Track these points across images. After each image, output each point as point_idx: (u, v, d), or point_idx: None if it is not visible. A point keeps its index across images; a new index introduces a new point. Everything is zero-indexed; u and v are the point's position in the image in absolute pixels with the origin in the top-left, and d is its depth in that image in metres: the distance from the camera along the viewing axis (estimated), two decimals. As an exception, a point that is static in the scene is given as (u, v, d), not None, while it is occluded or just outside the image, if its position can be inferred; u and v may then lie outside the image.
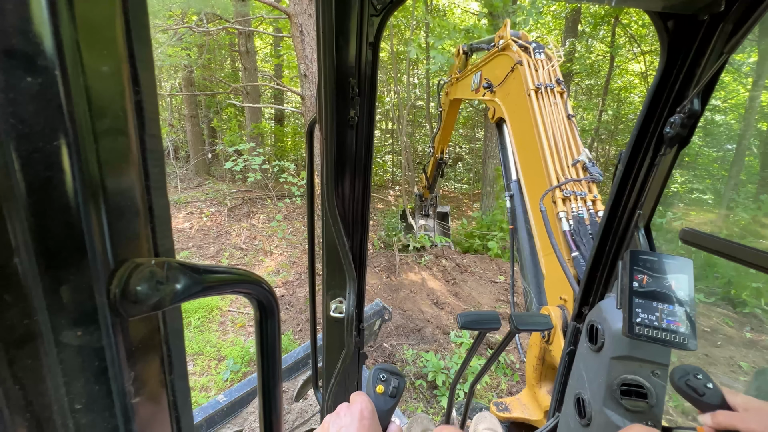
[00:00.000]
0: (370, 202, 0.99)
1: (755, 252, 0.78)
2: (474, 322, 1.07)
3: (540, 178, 2.19)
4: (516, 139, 2.54)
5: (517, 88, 2.54)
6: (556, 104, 2.33)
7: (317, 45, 0.75)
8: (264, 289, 0.46)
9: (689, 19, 0.89)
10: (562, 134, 2.23)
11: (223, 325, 5.07)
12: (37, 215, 0.24)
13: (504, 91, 2.77)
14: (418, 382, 4.00)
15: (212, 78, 12.58)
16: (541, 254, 2.16)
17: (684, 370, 0.83)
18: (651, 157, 1.06)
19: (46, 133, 0.23)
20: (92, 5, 0.25)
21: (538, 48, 2.61)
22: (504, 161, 2.81)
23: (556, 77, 2.45)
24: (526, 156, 2.39)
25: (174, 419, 0.36)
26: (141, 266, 0.29)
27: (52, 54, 0.23)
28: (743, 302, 5.16)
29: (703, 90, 0.90)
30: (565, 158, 2.15)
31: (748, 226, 6.08)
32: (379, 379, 0.68)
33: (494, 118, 2.94)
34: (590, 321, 1.19)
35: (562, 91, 2.41)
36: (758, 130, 7.10)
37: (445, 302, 5.67)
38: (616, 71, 11.74)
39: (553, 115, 2.28)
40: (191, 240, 7.51)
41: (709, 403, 0.79)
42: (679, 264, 0.96)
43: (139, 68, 0.28)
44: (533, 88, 2.36)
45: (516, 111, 2.56)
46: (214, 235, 7.78)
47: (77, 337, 0.27)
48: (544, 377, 2.03)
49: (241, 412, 2.44)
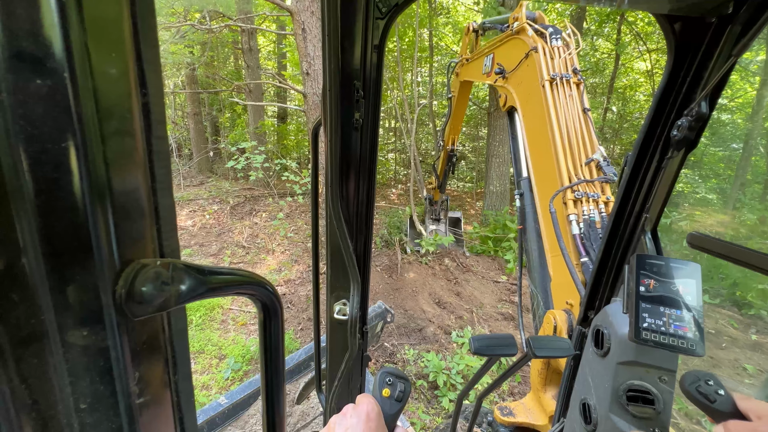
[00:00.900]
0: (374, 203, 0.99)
1: (763, 256, 0.77)
2: (488, 347, 1.02)
3: (551, 177, 2.11)
4: (528, 132, 2.41)
5: (530, 77, 2.40)
6: (572, 96, 2.21)
7: (322, 47, 0.75)
8: (268, 291, 0.46)
9: (697, 22, 0.88)
10: (576, 130, 2.13)
11: (225, 324, 5.10)
12: (45, 215, 0.24)
13: (517, 79, 2.60)
14: (419, 383, 4.01)
15: (215, 76, 12.66)
16: (548, 255, 2.10)
17: (695, 376, 0.81)
18: (658, 161, 1.05)
19: (54, 135, 0.24)
20: (101, 8, 0.25)
21: (555, 33, 2.44)
22: (515, 153, 2.68)
23: (573, 66, 2.30)
24: (538, 152, 2.29)
25: (177, 419, 0.36)
26: (146, 267, 0.29)
27: (60, 56, 0.23)
28: (749, 304, 5.10)
29: (710, 93, 0.90)
30: (578, 156, 2.06)
31: (755, 227, 6.00)
32: (386, 383, 0.67)
33: (505, 106, 2.79)
34: (596, 325, 1.18)
35: (579, 82, 2.27)
36: (766, 130, 7.00)
37: (447, 302, 5.66)
38: (621, 69, 11.65)
39: (568, 109, 2.17)
40: (193, 238, 7.55)
41: (720, 411, 0.77)
42: (686, 268, 0.95)
43: (147, 70, 0.28)
44: (548, 78, 2.22)
45: (529, 102, 2.43)
46: (217, 233, 7.82)
47: (83, 337, 0.27)
48: (549, 382, 2.02)
49: (242, 415, 2.44)
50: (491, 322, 5.32)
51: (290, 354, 2.88)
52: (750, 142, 6.92)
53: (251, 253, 7.09)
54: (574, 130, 2.12)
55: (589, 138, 2.12)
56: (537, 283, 2.25)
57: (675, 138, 0.97)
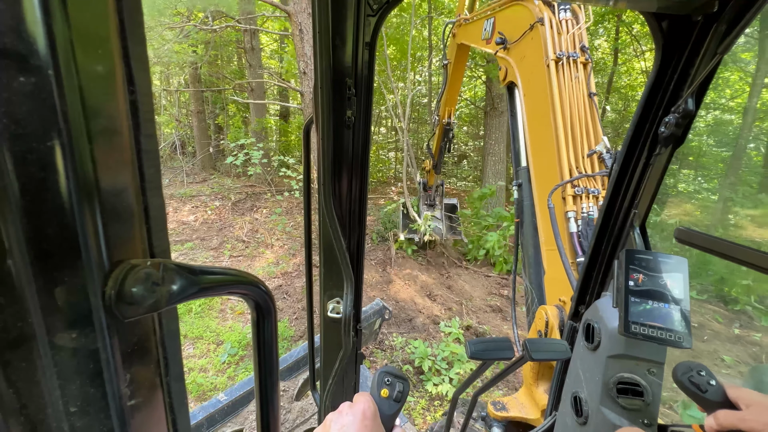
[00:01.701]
0: (367, 201, 0.99)
1: (748, 250, 0.79)
2: (485, 350, 1.01)
3: (551, 168, 1.99)
4: (528, 115, 2.23)
5: (534, 52, 2.18)
6: (578, 79, 2.03)
7: (313, 45, 0.75)
8: (261, 290, 0.46)
9: (683, 20, 0.90)
10: (580, 116, 1.97)
11: (223, 312, 5.28)
12: (31, 216, 0.24)
13: (519, 52, 2.35)
14: (405, 367, 4.19)
15: (218, 74, 12.60)
16: (543, 248, 2.04)
17: (687, 367, 0.84)
18: (646, 157, 1.07)
19: (39, 134, 0.23)
20: (86, 4, 0.24)
21: (563, 4, 2.18)
22: (513, 133, 2.48)
23: (582, 43, 2.09)
24: (538, 139, 2.13)
25: (170, 421, 0.36)
26: (136, 267, 0.28)
27: (45, 54, 0.23)
28: (735, 299, 5.21)
29: (697, 90, 0.91)
30: (581, 146, 1.93)
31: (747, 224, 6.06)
32: (384, 383, 0.66)
33: (505, 80, 2.55)
34: (587, 320, 1.20)
35: (587, 61, 2.07)
36: (760, 129, 7.04)
37: (437, 294, 5.77)
38: (621, 68, 11.70)
39: (573, 93, 2.00)
40: (195, 232, 7.62)
41: (711, 400, 0.79)
42: (674, 263, 0.97)
43: (134, 68, 0.28)
44: (554, 57, 2.02)
45: (531, 81, 2.22)
46: (218, 227, 7.90)
47: (72, 339, 0.26)
48: (541, 376, 2.04)
49: (241, 411, 2.44)
50: (480, 314, 5.44)
51: (289, 352, 2.89)
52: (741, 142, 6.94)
53: (250, 246, 7.17)
54: (578, 117, 1.98)
55: (594, 126, 1.99)
56: (532, 279, 2.21)
57: (663, 135, 0.99)
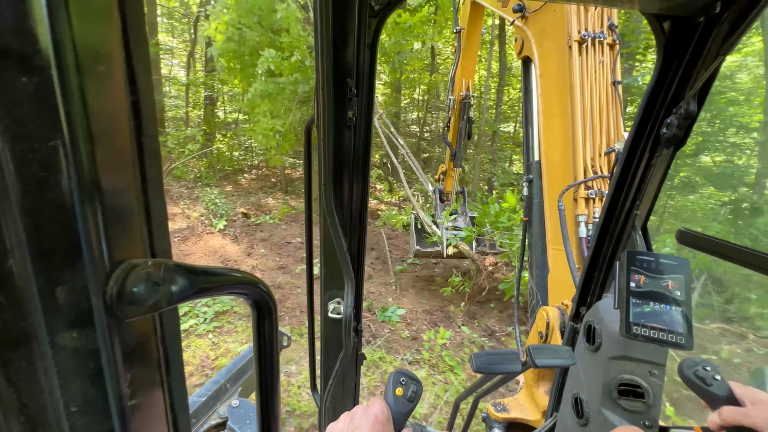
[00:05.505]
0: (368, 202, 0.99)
1: (749, 251, 0.79)
2: (490, 364, 0.97)
3: (564, 164, 1.83)
4: (543, 100, 1.99)
5: (556, 26, 1.91)
6: (603, 63, 1.80)
7: (315, 45, 0.75)
8: (261, 290, 0.46)
9: (685, 21, 0.89)
10: (602, 108, 1.76)
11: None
12: (33, 216, 0.24)
13: (539, 24, 2.05)
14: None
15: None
16: (549, 246, 1.97)
17: (693, 362, 0.85)
18: (647, 158, 1.07)
19: (41, 134, 0.23)
20: (88, 5, 0.24)
21: None
22: (526, 116, 2.24)
23: (610, 20, 1.82)
24: (552, 128, 1.93)
25: (171, 421, 0.36)
26: (137, 267, 0.28)
27: (48, 54, 0.23)
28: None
29: (699, 91, 0.91)
30: (599, 142, 1.75)
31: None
32: (399, 383, 0.69)
33: (521, 54, 2.28)
34: (588, 321, 1.19)
35: (614, 43, 1.81)
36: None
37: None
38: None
39: (596, 81, 1.78)
40: None
41: (715, 394, 0.80)
42: (676, 264, 0.96)
43: (136, 68, 0.28)
44: (577, 38, 1.77)
45: (549, 61, 1.96)
46: None
47: (73, 339, 0.26)
48: (542, 377, 2.04)
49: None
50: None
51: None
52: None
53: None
54: (599, 109, 1.77)
55: (616, 120, 1.79)
56: (538, 281, 2.17)
57: (664, 136, 0.99)
